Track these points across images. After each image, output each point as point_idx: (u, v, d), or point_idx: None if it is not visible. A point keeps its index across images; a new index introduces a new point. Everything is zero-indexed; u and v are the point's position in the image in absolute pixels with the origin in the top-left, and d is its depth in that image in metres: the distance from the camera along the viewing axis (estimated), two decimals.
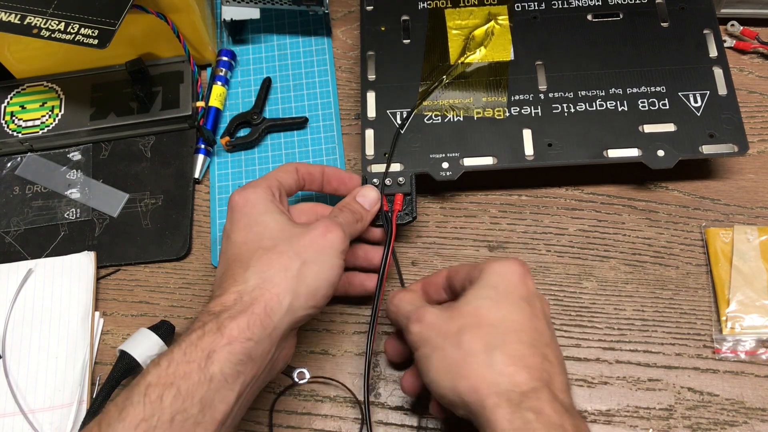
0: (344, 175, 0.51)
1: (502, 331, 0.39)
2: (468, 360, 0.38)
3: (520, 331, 0.39)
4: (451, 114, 0.55)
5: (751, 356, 0.49)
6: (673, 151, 0.52)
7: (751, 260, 0.51)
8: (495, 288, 0.41)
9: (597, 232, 0.54)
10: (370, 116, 0.55)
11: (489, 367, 0.38)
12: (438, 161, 0.53)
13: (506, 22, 0.58)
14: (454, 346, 0.39)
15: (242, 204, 0.44)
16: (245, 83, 0.63)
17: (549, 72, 0.56)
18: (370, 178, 0.53)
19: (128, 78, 0.60)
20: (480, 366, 0.38)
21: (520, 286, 0.41)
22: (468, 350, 0.39)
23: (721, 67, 0.55)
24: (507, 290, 0.41)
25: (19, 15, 0.53)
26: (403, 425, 0.49)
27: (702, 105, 0.53)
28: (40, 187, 0.60)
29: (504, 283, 0.41)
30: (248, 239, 0.42)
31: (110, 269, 0.57)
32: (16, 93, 0.62)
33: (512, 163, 0.53)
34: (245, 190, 0.45)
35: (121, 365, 0.49)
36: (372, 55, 0.58)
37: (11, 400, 0.51)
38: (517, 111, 0.55)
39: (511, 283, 0.41)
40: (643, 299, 0.52)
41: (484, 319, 0.40)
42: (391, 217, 0.51)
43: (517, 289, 0.41)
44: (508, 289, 0.41)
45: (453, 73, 0.56)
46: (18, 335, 0.54)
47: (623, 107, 0.54)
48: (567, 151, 0.53)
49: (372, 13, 0.60)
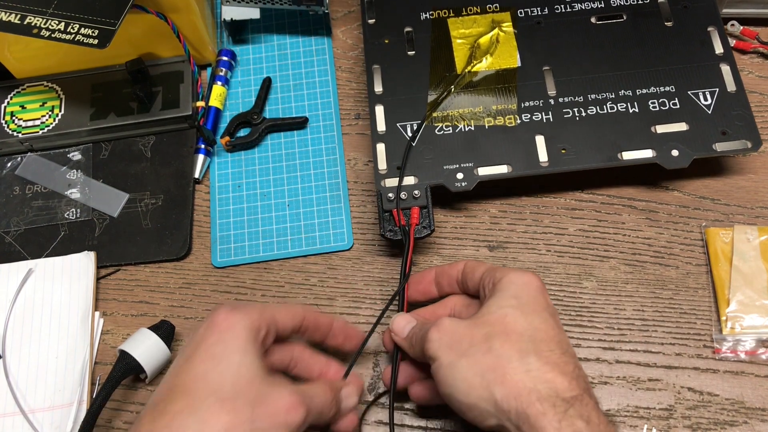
0: (352, 332, 0.47)
1: (532, 339, 0.38)
2: (503, 365, 0.37)
3: (549, 341, 0.38)
4: (461, 124, 0.55)
5: (751, 356, 0.49)
6: (687, 150, 0.52)
7: (751, 260, 0.51)
8: (517, 298, 0.40)
9: (597, 232, 0.54)
10: (380, 130, 0.55)
11: (527, 373, 0.36)
12: (452, 172, 0.53)
13: (510, 28, 0.58)
14: (484, 352, 0.38)
15: (224, 329, 0.39)
16: (245, 83, 0.63)
17: (557, 77, 0.56)
18: (384, 192, 0.52)
19: (128, 78, 0.60)
20: (517, 372, 0.36)
21: (540, 298, 0.41)
22: (501, 355, 0.37)
23: (728, 64, 0.55)
24: (529, 301, 0.40)
25: (19, 15, 0.53)
26: (403, 425, 0.49)
27: (712, 103, 0.53)
28: (40, 187, 0.60)
29: (525, 293, 0.40)
30: (209, 376, 0.37)
31: (110, 269, 0.57)
32: (16, 93, 0.62)
33: (527, 170, 0.53)
34: (233, 313, 0.39)
35: (121, 365, 0.49)
36: (377, 68, 0.57)
37: (11, 400, 0.51)
38: (528, 118, 0.54)
39: (531, 294, 0.40)
40: (643, 299, 0.52)
41: (511, 327, 0.38)
42: (408, 231, 0.50)
43: (537, 300, 0.40)
44: (530, 300, 0.40)
45: (461, 82, 0.56)
46: (18, 335, 0.54)
47: (634, 109, 0.54)
48: (581, 155, 0.53)
49: (374, 26, 0.59)
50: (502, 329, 0.38)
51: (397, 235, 0.51)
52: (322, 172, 0.59)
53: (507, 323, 0.39)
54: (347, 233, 0.56)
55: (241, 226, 0.57)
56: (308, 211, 0.57)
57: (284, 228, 0.57)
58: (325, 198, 0.58)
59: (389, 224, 0.52)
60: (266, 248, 0.56)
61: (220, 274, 0.56)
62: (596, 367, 0.50)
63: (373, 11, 0.60)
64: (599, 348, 0.50)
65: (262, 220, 0.57)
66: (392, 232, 0.51)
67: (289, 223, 0.57)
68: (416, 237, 0.51)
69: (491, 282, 0.42)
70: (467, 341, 0.39)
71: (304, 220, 0.57)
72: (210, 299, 0.55)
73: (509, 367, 0.37)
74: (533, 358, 0.37)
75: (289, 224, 0.57)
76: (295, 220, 0.57)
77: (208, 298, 0.55)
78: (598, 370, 0.50)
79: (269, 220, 0.57)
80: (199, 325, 0.40)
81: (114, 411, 0.51)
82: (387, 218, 0.52)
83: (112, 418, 0.51)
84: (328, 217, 0.57)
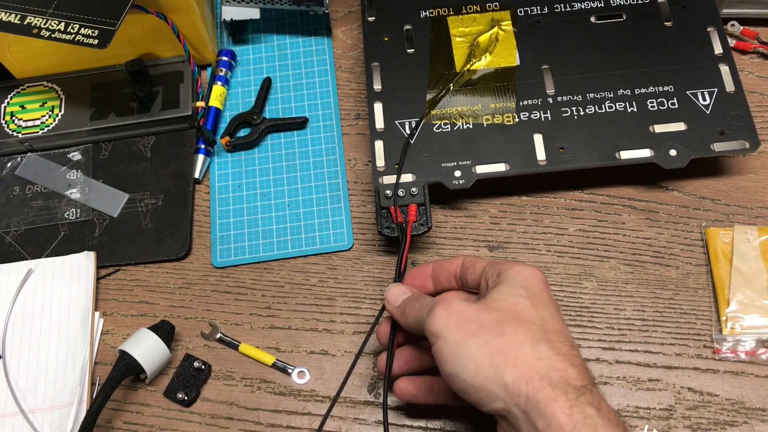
0: None
1: (542, 329, 0.38)
2: (515, 350, 0.37)
3: (558, 332, 0.39)
4: (460, 122, 0.55)
5: (751, 356, 0.49)
6: (686, 150, 0.52)
7: (751, 260, 0.51)
8: (526, 289, 0.40)
9: (597, 232, 0.54)
10: (379, 127, 0.55)
11: (539, 360, 0.37)
12: (450, 170, 0.53)
13: (510, 27, 0.58)
14: (496, 335, 0.37)
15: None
16: (245, 83, 0.63)
17: (556, 76, 0.56)
18: (382, 189, 0.52)
19: (128, 78, 0.60)
20: (529, 357, 0.37)
21: (545, 291, 0.41)
22: (514, 340, 0.37)
23: (727, 64, 0.55)
24: (536, 293, 0.40)
25: (19, 15, 0.53)
26: (403, 425, 0.49)
27: (711, 103, 0.53)
28: (40, 187, 0.60)
29: (532, 286, 0.40)
30: None
31: (110, 269, 0.57)
32: (16, 93, 0.62)
33: (525, 168, 0.53)
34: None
35: (121, 365, 0.49)
36: (377, 65, 0.58)
37: (11, 400, 0.51)
38: (526, 116, 0.54)
39: (537, 287, 0.41)
40: (643, 299, 0.52)
41: (522, 315, 0.39)
42: (405, 228, 0.50)
43: (543, 293, 0.40)
44: (537, 292, 0.40)
45: (459, 80, 0.56)
46: (18, 335, 0.54)
47: (632, 108, 0.54)
48: (579, 154, 0.53)
49: (374, 23, 0.59)
50: (513, 316, 0.39)
51: (395, 232, 0.51)
52: (322, 172, 0.59)
53: (519, 311, 0.39)
54: (347, 233, 0.56)
55: (241, 226, 0.57)
56: (308, 211, 0.57)
57: (284, 228, 0.57)
58: (325, 198, 0.58)
59: (387, 221, 0.52)
60: (266, 248, 0.56)
61: (220, 274, 0.56)
62: (596, 367, 0.50)
63: (373, 9, 0.60)
64: (599, 348, 0.50)
65: (262, 220, 0.57)
66: (389, 229, 0.51)
67: (289, 223, 0.57)
68: (413, 234, 0.51)
69: (495, 273, 0.42)
70: (477, 323, 0.38)
71: (304, 220, 0.57)
72: (210, 299, 0.55)
73: (522, 352, 0.37)
74: (545, 347, 0.37)
75: (289, 224, 0.57)
76: (295, 220, 0.57)
77: (208, 298, 0.55)
78: (598, 370, 0.50)
79: (269, 220, 0.57)
80: None
81: (114, 411, 0.51)
82: (384, 215, 0.52)
83: (112, 418, 0.51)
84: (328, 217, 0.57)
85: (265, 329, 0.53)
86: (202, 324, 0.54)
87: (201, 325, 0.54)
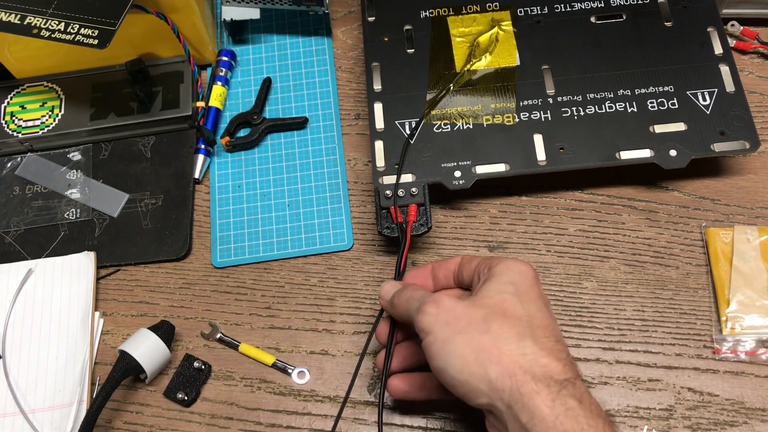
0: None
1: (529, 324, 0.39)
2: (499, 346, 0.38)
3: (545, 328, 0.39)
4: (460, 122, 0.55)
5: (751, 356, 0.49)
6: (685, 150, 0.52)
7: (751, 260, 0.51)
8: (514, 285, 0.41)
9: (597, 232, 0.54)
10: (379, 127, 0.55)
11: (522, 356, 0.37)
12: (450, 170, 0.53)
13: (510, 27, 0.58)
14: (482, 332, 0.38)
15: None
16: (245, 83, 0.63)
17: (556, 76, 0.56)
18: (382, 189, 0.52)
19: (128, 78, 0.60)
20: (513, 353, 0.37)
21: (535, 287, 0.41)
22: (499, 336, 0.38)
23: (727, 64, 0.55)
24: (526, 289, 0.41)
25: (19, 15, 0.53)
26: (403, 425, 0.49)
27: (711, 103, 0.53)
28: (40, 187, 0.60)
29: (522, 281, 0.41)
30: None
31: (110, 269, 0.57)
32: (16, 93, 0.62)
33: (525, 168, 0.53)
34: None
35: (121, 365, 0.49)
36: (377, 66, 0.58)
37: (11, 400, 0.51)
38: (526, 116, 0.54)
39: (527, 283, 0.41)
40: (643, 299, 0.52)
41: (509, 312, 0.39)
42: (405, 228, 0.51)
43: (533, 289, 0.41)
44: (526, 288, 0.41)
45: (459, 80, 0.56)
46: (18, 335, 0.54)
47: (632, 108, 0.54)
48: (579, 154, 0.53)
49: (374, 23, 0.59)
50: (500, 312, 0.39)
51: (394, 232, 0.51)
52: (322, 172, 0.59)
53: (506, 308, 0.40)
54: (347, 233, 0.56)
55: (241, 226, 0.57)
56: (308, 211, 0.57)
57: (284, 228, 0.57)
58: (325, 198, 0.58)
59: (386, 221, 0.52)
60: (266, 248, 0.56)
61: (220, 274, 0.56)
62: (596, 367, 0.50)
63: (373, 9, 0.60)
64: (599, 348, 0.50)
65: (262, 220, 0.57)
66: (389, 229, 0.51)
67: (289, 223, 0.57)
68: (413, 234, 0.51)
69: (486, 268, 0.43)
70: (465, 320, 0.39)
71: (304, 220, 0.57)
72: (210, 299, 0.55)
73: (506, 348, 0.38)
74: (529, 342, 0.38)
75: (289, 224, 0.57)
76: (295, 220, 0.57)
77: (208, 299, 0.55)
78: (598, 371, 0.50)
79: (269, 220, 0.57)
80: None
81: (114, 411, 0.51)
82: (384, 215, 0.52)
83: (112, 418, 0.51)
84: (328, 217, 0.57)
85: (265, 329, 0.53)
86: (202, 324, 0.54)
87: (201, 325, 0.54)
